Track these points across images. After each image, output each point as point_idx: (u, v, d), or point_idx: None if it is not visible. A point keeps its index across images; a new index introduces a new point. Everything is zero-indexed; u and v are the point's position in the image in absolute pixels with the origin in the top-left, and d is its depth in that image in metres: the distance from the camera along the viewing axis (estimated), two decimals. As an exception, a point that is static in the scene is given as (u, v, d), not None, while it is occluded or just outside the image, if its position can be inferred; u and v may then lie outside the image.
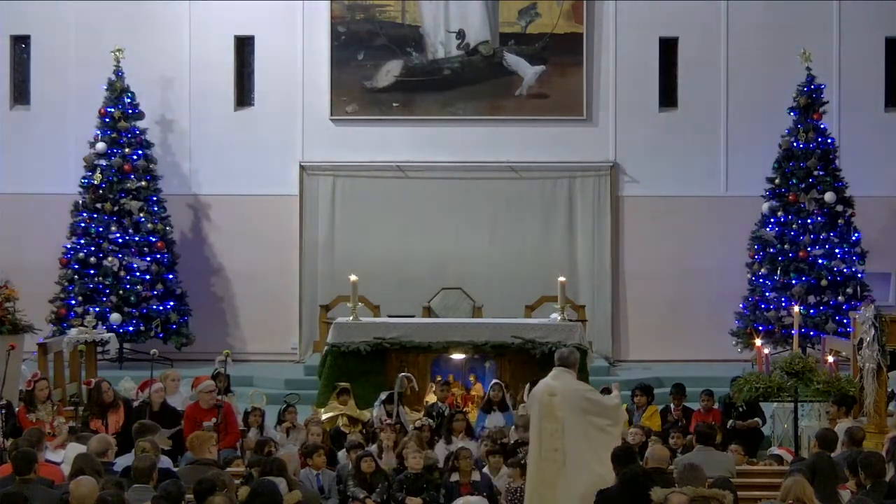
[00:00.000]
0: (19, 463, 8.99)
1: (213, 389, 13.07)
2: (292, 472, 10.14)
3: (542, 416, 9.83)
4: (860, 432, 10.81)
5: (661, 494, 7.54)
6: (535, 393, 10.06)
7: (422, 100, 21.28)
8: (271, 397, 15.55)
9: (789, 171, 19.81)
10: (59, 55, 21.24)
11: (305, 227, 21.16)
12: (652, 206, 21.11)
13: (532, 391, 10.27)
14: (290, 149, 21.25)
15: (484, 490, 10.90)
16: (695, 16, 21.16)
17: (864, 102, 21.11)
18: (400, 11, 21.20)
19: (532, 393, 10.24)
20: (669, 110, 21.41)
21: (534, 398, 10.06)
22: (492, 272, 20.77)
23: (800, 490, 8.20)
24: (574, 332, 15.84)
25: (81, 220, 19.90)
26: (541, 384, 10.07)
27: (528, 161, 21.07)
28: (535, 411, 9.95)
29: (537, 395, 10.00)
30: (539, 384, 10.12)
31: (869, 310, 13.28)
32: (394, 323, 16.45)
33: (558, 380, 9.98)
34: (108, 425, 12.82)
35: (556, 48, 21.09)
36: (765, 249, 19.86)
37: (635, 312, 21.05)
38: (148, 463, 8.98)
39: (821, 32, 20.99)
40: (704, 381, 16.98)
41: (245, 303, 21.20)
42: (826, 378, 12.74)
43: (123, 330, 19.37)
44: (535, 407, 9.99)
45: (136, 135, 20.25)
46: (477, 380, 15.64)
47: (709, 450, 10.83)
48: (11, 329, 15.25)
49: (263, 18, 21.26)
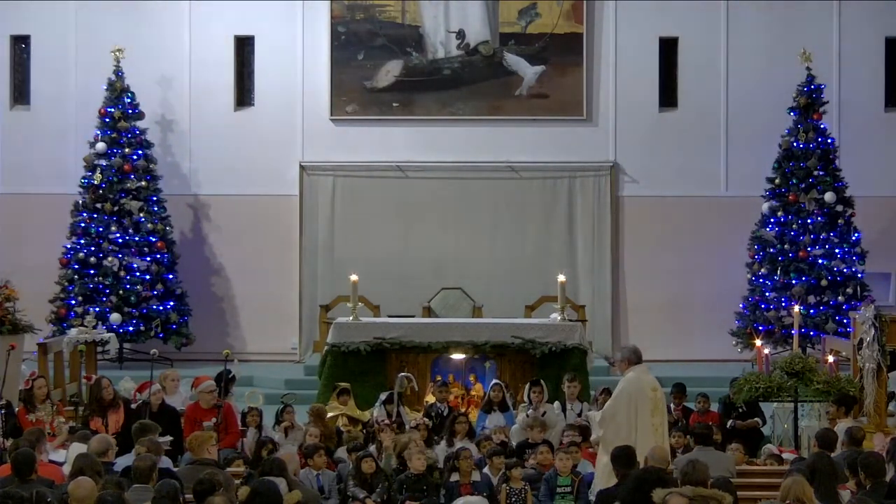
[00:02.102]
0: (20, 464, 8.99)
1: (213, 389, 13.07)
2: (292, 472, 10.14)
3: (651, 410, 10.13)
4: (860, 432, 10.82)
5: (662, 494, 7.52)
6: (633, 387, 10.16)
7: (422, 100, 21.28)
8: (271, 397, 15.55)
9: (789, 171, 19.82)
10: (59, 55, 21.25)
11: (305, 227, 21.16)
12: (652, 206, 21.11)
13: (626, 385, 10.29)
14: (290, 149, 21.25)
15: (484, 490, 10.90)
16: (695, 16, 21.16)
17: (864, 102, 21.11)
18: (400, 11, 21.20)
19: (625, 387, 10.25)
20: (669, 110, 21.41)
21: (632, 393, 10.14)
22: (492, 272, 20.78)
23: (800, 490, 8.20)
24: (574, 332, 15.82)
25: (81, 220, 19.91)
26: (636, 379, 10.26)
27: (528, 161, 21.07)
28: (639, 406, 10.04)
29: (639, 389, 10.15)
30: (632, 379, 10.25)
31: (869, 310, 13.30)
32: (394, 323, 16.44)
33: (649, 375, 10.30)
34: (108, 425, 12.82)
35: (556, 48, 21.10)
36: (765, 249, 19.86)
37: (635, 312, 21.05)
38: (148, 463, 8.98)
39: (821, 32, 21.00)
40: (704, 381, 17.01)
41: (245, 303, 21.20)
42: (826, 378, 12.76)
43: (123, 330, 19.37)
44: (636, 401, 10.07)
45: (136, 135, 20.26)
46: (477, 380, 15.62)
47: (708, 450, 10.83)
48: (11, 329, 15.25)
49: (263, 18, 21.26)
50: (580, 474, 10.97)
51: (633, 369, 10.32)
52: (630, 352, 10.52)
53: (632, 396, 10.12)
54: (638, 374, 10.26)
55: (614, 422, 10.16)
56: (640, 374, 10.27)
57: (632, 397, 10.11)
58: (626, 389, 10.19)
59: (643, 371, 10.34)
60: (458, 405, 14.77)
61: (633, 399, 10.10)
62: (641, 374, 10.28)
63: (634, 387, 10.12)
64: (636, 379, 10.20)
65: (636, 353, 10.46)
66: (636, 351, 10.52)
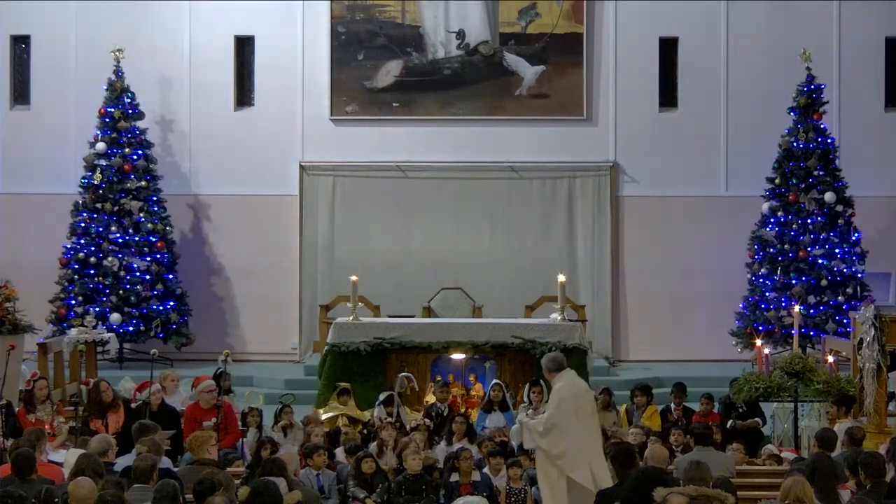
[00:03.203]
0: (20, 464, 8.99)
1: (213, 389, 13.07)
2: (292, 472, 10.14)
3: (594, 411, 10.33)
4: (860, 432, 10.82)
5: (662, 494, 7.52)
6: (571, 391, 10.17)
7: (422, 100, 21.28)
8: (271, 397, 15.55)
9: (789, 171, 19.81)
10: (59, 55, 21.25)
11: (305, 227, 21.16)
12: (652, 206, 21.11)
13: (562, 391, 10.24)
14: (290, 149, 21.25)
15: (484, 490, 10.90)
16: (695, 16, 21.16)
17: (864, 102, 21.11)
18: (400, 11, 21.20)
19: (562, 394, 10.22)
20: (669, 110, 21.41)
21: (570, 398, 10.12)
22: (492, 272, 20.78)
23: (800, 490, 8.20)
24: (574, 332, 15.83)
25: (81, 220, 19.91)
26: (574, 382, 10.28)
27: (528, 161, 21.07)
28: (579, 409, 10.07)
29: (578, 391, 10.19)
30: (569, 383, 10.25)
31: (869, 310, 13.30)
32: (394, 323, 16.44)
33: (578, 378, 10.46)
34: (108, 425, 12.82)
35: (556, 48, 21.10)
36: (765, 249, 19.86)
37: (635, 312, 21.06)
38: (148, 463, 8.98)
39: (821, 32, 21.00)
40: (704, 381, 17.01)
41: (245, 303, 21.20)
42: (826, 378, 12.76)
43: (123, 330, 19.37)
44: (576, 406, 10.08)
45: (136, 135, 20.26)
46: (477, 380, 15.63)
47: (708, 450, 10.84)
48: (11, 329, 15.26)
49: (263, 18, 21.26)
50: (580, 474, 10.97)
51: (561, 377, 10.23)
52: (551, 360, 10.39)
53: (570, 402, 10.07)
54: (569, 379, 10.22)
55: (557, 429, 10.04)
56: (572, 379, 10.24)
57: (570, 403, 10.06)
58: (564, 397, 10.10)
59: (573, 375, 10.33)
60: (458, 405, 14.77)
61: (573, 404, 10.06)
62: (572, 378, 10.25)
63: (571, 392, 10.10)
64: (570, 384, 10.17)
65: (557, 361, 10.35)
66: (556, 359, 10.40)
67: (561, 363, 10.33)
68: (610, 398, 14.16)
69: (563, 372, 10.28)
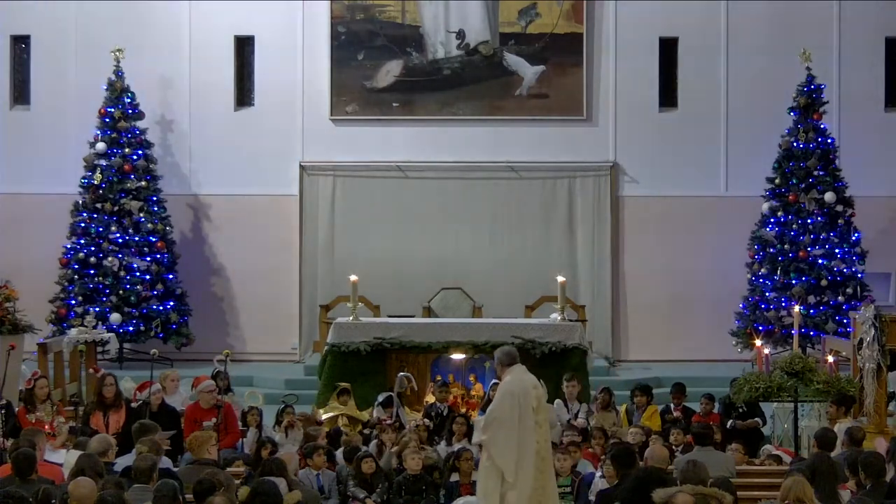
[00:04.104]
0: (20, 464, 8.99)
1: (213, 389, 13.07)
2: (292, 472, 10.15)
3: (535, 408, 9.91)
4: (860, 432, 10.82)
5: (664, 494, 7.52)
6: (518, 386, 9.97)
7: (422, 100, 21.28)
8: (271, 397, 15.55)
9: (789, 171, 19.81)
10: (59, 55, 21.25)
11: (305, 227, 21.16)
12: (652, 206, 21.11)
13: (509, 385, 10.09)
14: (290, 149, 21.24)
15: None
16: (695, 16, 21.15)
17: (864, 102, 21.10)
18: (400, 11, 21.20)
19: (508, 388, 10.06)
20: (669, 110, 21.41)
21: (515, 393, 9.92)
22: (492, 272, 20.78)
23: (800, 490, 8.20)
24: (574, 332, 15.83)
25: (81, 220, 19.91)
26: (518, 379, 10.04)
27: (528, 161, 21.07)
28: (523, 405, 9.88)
29: (525, 387, 9.97)
30: (516, 378, 10.05)
31: (869, 310, 13.30)
32: (394, 323, 16.45)
33: (528, 374, 10.15)
34: (108, 425, 12.82)
35: (556, 48, 21.09)
36: (765, 249, 19.86)
37: (635, 312, 21.06)
38: (148, 463, 8.98)
39: (821, 32, 20.99)
40: (704, 381, 17.02)
41: (245, 303, 21.20)
42: (826, 378, 12.74)
43: (123, 330, 19.38)
44: (519, 401, 9.90)
45: (136, 135, 20.26)
46: (477, 380, 15.64)
47: (708, 450, 10.84)
48: (11, 329, 15.27)
49: (263, 18, 21.26)
50: (580, 474, 10.98)
51: (510, 371, 10.13)
52: (504, 354, 10.27)
53: (515, 396, 9.94)
54: (517, 374, 10.14)
55: (498, 423, 9.93)
56: (520, 375, 10.12)
57: (515, 397, 9.94)
58: (509, 391, 9.98)
59: (522, 371, 10.16)
60: (458, 405, 14.77)
61: (517, 399, 9.96)
62: (521, 374, 10.13)
63: (517, 387, 9.97)
64: (518, 380, 10.05)
65: (510, 355, 10.23)
66: (510, 353, 10.29)
67: (514, 358, 10.19)
68: (610, 398, 14.16)
69: (513, 367, 10.12)
